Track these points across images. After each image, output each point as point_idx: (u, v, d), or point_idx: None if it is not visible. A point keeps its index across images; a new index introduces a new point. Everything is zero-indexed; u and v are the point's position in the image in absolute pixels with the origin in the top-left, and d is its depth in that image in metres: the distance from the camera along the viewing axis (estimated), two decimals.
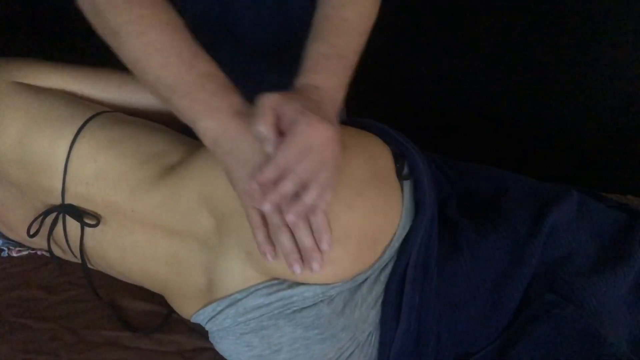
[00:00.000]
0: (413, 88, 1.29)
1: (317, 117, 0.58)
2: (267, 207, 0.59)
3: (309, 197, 0.58)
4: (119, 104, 0.86)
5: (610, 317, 0.73)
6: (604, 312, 0.73)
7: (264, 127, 0.57)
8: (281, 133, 0.58)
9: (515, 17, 1.19)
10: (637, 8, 1.11)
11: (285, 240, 0.62)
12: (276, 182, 0.58)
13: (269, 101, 0.58)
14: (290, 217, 0.59)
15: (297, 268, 0.63)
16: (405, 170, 0.75)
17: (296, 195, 0.59)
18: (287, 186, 0.58)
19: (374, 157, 0.72)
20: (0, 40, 1.05)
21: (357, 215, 0.66)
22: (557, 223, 0.79)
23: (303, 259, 0.63)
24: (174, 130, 0.84)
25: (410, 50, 1.26)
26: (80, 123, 0.77)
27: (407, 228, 0.71)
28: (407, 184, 0.73)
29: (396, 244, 0.71)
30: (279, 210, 0.60)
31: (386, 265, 0.71)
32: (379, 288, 0.70)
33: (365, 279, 0.69)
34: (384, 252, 0.69)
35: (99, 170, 0.76)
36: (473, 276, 0.74)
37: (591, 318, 0.71)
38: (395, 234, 0.70)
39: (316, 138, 0.58)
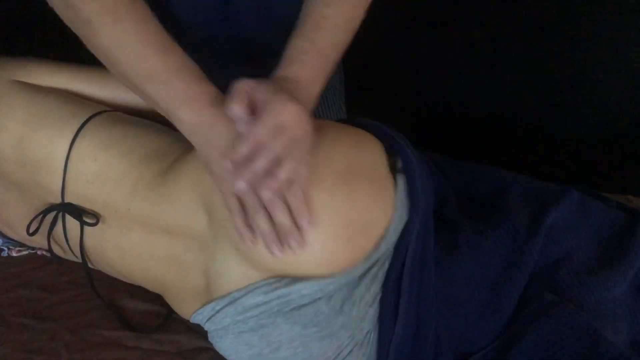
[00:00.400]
0: (413, 88, 1.29)
1: (289, 97, 0.60)
2: (241, 186, 0.59)
3: (283, 172, 0.59)
4: (119, 103, 0.86)
5: (610, 316, 0.73)
6: (603, 312, 0.73)
7: (237, 107, 0.59)
8: (255, 115, 0.60)
9: (516, 17, 1.19)
10: (637, 8, 1.12)
11: (261, 221, 0.62)
12: (249, 158, 0.59)
13: (243, 85, 0.60)
14: (265, 194, 0.60)
15: (275, 249, 0.63)
16: (400, 164, 0.75)
17: (271, 175, 0.60)
18: (260, 162, 0.58)
19: (362, 148, 0.72)
20: (0, 40, 1.05)
21: (340, 198, 0.66)
22: (557, 223, 0.79)
23: (282, 239, 0.63)
24: (173, 130, 0.84)
25: (410, 50, 1.26)
26: (81, 122, 0.78)
27: (403, 221, 0.71)
28: (401, 178, 0.73)
29: (393, 237, 0.70)
30: (255, 192, 0.61)
31: (384, 262, 0.71)
32: (377, 286, 0.70)
33: (364, 275, 0.69)
34: (379, 241, 0.69)
35: (99, 170, 0.76)
36: (472, 276, 0.74)
37: (591, 318, 0.71)
38: (390, 224, 0.70)
39: (288, 116, 0.59)
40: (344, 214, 0.66)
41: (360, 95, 1.11)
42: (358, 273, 0.68)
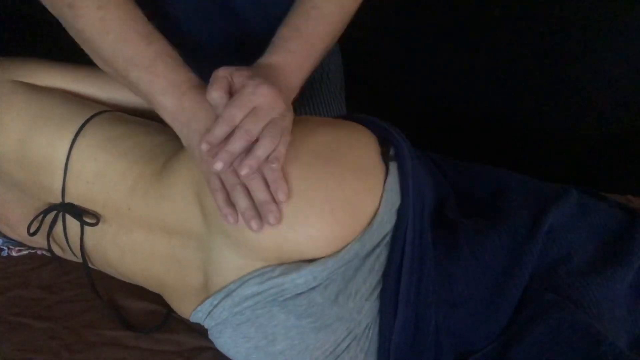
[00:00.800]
0: (413, 88, 1.29)
1: (265, 80, 0.61)
2: (219, 166, 0.60)
3: (260, 150, 0.60)
4: (119, 103, 0.86)
5: (610, 316, 0.73)
6: (603, 312, 0.73)
7: (216, 92, 0.61)
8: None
9: (516, 17, 1.19)
10: (637, 8, 1.12)
11: (240, 198, 0.63)
12: (226, 140, 0.60)
13: (222, 71, 0.63)
14: (243, 170, 0.60)
15: (254, 224, 0.63)
16: (392, 152, 0.75)
17: (249, 153, 0.61)
18: (236, 141, 0.60)
19: (347, 132, 0.73)
20: (0, 40, 1.05)
21: (319, 174, 0.67)
22: (557, 222, 0.79)
23: (260, 214, 0.64)
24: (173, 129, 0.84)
25: (410, 50, 1.26)
26: (81, 122, 0.78)
27: (396, 205, 0.71)
28: (394, 166, 0.73)
29: (386, 223, 0.70)
30: (234, 171, 0.62)
31: (380, 253, 0.70)
32: (374, 278, 0.70)
33: (360, 266, 0.69)
34: (371, 223, 0.69)
35: (99, 170, 0.76)
36: (472, 275, 0.74)
37: (591, 317, 0.71)
38: (379, 206, 0.69)
39: (263, 97, 0.61)
40: (324, 188, 0.66)
41: (360, 95, 1.11)
42: (350, 257, 0.68)
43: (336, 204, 0.66)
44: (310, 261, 0.67)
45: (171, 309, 0.82)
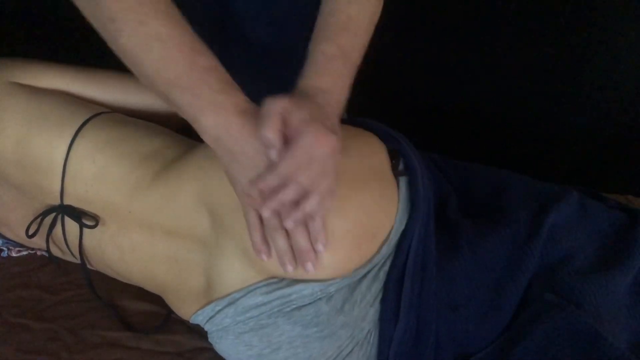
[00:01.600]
0: (413, 88, 1.29)
1: (323, 128, 0.57)
2: (266, 213, 0.59)
3: (308, 206, 0.58)
4: (118, 105, 0.86)
5: (610, 317, 0.73)
6: (603, 312, 0.73)
7: (271, 134, 0.56)
8: (286, 140, 0.57)
9: (516, 17, 1.19)
10: (637, 8, 1.11)
11: (280, 241, 0.63)
12: (277, 189, 0.57)
13: (277, 107, 0.57)
14: (289, 224, 0.59)
15: (290, 268, 0.64)
16: (401, 166, 0.75)
17: (296, 203, 0.59)
18: (288, 195, 0.57)
19: (370, 153, 0.73)
20: None
21: (353, 210, 0.67)
22: (557, 223, 0.79)
23: (297, 259, 0.63)
24: (172, 131, 0.84)
25: (410, 50, 1.26)
26: (79, 123, 0.77)
27: (404, 223, 0.72)
28: (403, 180, 0.73)
29: (394, 239, 0.71)
30: (277, 213, 0.60)
31: (385, 262, 0.71)
32: (378, 285, 0.70)
33: (365, 275, 0.69)
34: (381, 246, 0.70)
35: (98, 171, 0.76)
36: (473, 276, 0.74)
37: (591, 318, 0.71)
38: (392, 229, 0.70)
39: (320, 149, 0.57)
40: (356, 225, 0.66)
41: (360, 95, 1.11)
42: (359, 275, 0.69)
43: (362, 240, 0.68)
44: None
45: (171, 310, 0.82)
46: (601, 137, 1.26)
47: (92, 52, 0.71)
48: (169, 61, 0.60)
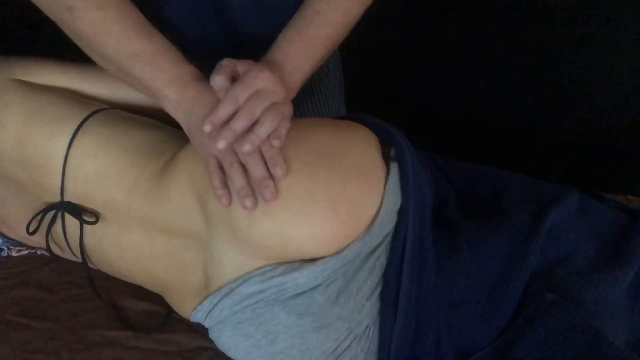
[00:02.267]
0: (413, 88, 1.29)
1: (267, 67, 0.66)
2: (221, 144, 0.62)
3: (262, 128, 0.63)
4: (118, 101, 0.86)
5: (610, 317, 0.73)
6: (603, 312, 0.73)
7: (220, 77, 0.65)
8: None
9: (516, 17, 1.19)
10: (637, 8, 1.12)
11: (237, 176, 0.64)
12: (229, 121, 0.63)
13: (225, 60, 0.67)
14: (245, 147, 0.63)
15: (248, 202, 0.64)
16: (393, 153, 0.75)
17: (251, 132, 0.63)
18: (239, 120, 0.63)
19: (347, 132, 0.73)
20: None
21: (319, 172, 0.67)
22: (557, 223, 0.79)
23: (256, 190, 0.64)
24: (172, 126, 0.84)
25: (410, 50, 1.26)
26: (79, 120, 0.77)
27: (396, 209, 0.71)
28: (395, 167, 0.73)
29: (387, 223, 0.70)
30: (234, 152, 0.65)
31: (381, 254, 0.70)
32: (375, 278, 0.70)
33: (361, 266, 0.69)
34: (372, 223, 0.69)
35: (98, 168, 0.76)
36: (473, 276, 0.74)
37: (591, 318, 0.71)
38: (381, 207, 0.69)
39: (265, 81, 0.65)
40: (328, 187, 0.66)
41: (360, 95, 1.11)
42: (352, 256, 0.68)
43: (339, 203, 0.66)
44: (312, 261, 0.67)
45: (172, 309, 0.82)
46: (601, 137, 1.26)
47: None
48: (130, 40, 0.68)
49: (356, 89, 1.11)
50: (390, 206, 0.70)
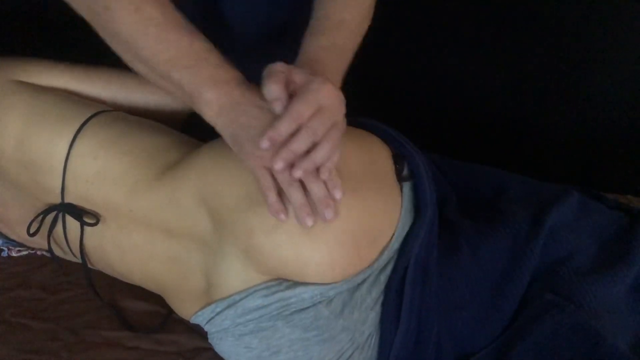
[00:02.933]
0: (413, 88, 1.29)
1: (328, 81, 0.59)
2: (280, 165, 0.58)
3: (319, 154, 0.58)
4: (119, 103, 0.86)
5: (610, 317, 0.73)
6: (603, 312, 0.73)
7: (276, 86, 0.58)
8: (291, 97, 0.59)
9: (516, 17, 1.19)
10: (637, 8, 1.11)
11: (296, 194, 0.61)
12: (287, 141, 0.58)
13: (279, 66, 0.60)
14: (297, 173, 0.58)
15: (309, 221, 0.61)
16: (405, 171, 0.75)
17: (307, 154, 0.59)
18: (299, 141, 0.57)
19: (373, 157, 0.73)
20: (0, 39, 1.05)
21: (354, 213, 0.66)
22: (557, 223, 0.79)
23: (316, 208, 0.62)
24: (174, 129, 0.84)
25: (410, 50, 1.26)
26: (81, 122, 0.77)
27: (406, 229, 0.72)
28: (406, 186, 0.73)
29: (395, 245, 0.71)
30: (289, 169, 0.60)
31: (385, 266, 0.71)
32: (378, 289, 0.70)
33: (364, 280, 0.69)
34: (382, 252, 0.69)
35: (99, 169, 0.76)
36: (473, 276, 0.74)
37: (591, 318, 0.71)
38: (394, 234, 0.70)
39: (328, 97, 0.58)
40: (357, 228, 0.66)
41: (360, 95, 1.11)
42: (359, 280, 0.69)
43: (363, 244, 0.67)
44: None
45: (171, 310, 0.82)
46: (601, 137, 1.26)
47: (92, 50, 0.71)
48: (167, 43, 0.63)
49: (356, 89, 1.11)
50: (402, 229, 0.71)
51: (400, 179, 0.73)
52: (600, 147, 1.26)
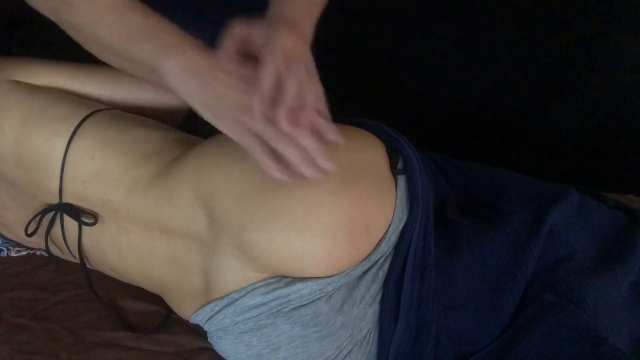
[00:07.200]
0: (412, 87, 1.29)
1: (288, 26, 0.60)
2: (284, 125, 0.56)
3: (310, 95, 0.58)
4: (116, 101, 0.86)
5: (610, 317, 0.73)
6: (603, 312, 0.73)
7: (230, 41, 0.60)
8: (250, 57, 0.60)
9: (516, 17, 1.19)
10: (637, 7, 1.11)
11: (292, 149, 0.58)
12: (273, 98, 0.57)
13: (236, 28, 0.61)
14: (305, 120, 0.57)
15: (311, 171, 0.58)
16: (400, 165, 0.75)
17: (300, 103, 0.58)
18: (291, 90, 0.57)
19: (366, 150, 0.72)
20: None
21: (343, 202, 0.66)
22: (557, 223, 0.79)
23: (313, 160, 0.59)
24: (172, 127, 0.84)
25: (410, 49, 1.26)
26: (78, 121, 0.77)
27: (403, 222, 0.72)
28: (402, 179, 0.73)
29: (392, 237, 0.71)
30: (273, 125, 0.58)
31: (384, 262, 0.71)
32: (377, 285, 0.70)
33: (363, 275, 0.69)
34: (379, 243, 0.69)
35: (97, 169, 0.76)
36: (472, 276, 0.74)
37: (591, 318, 0.71)
38: (390, 225, 0.70)
39: (295, 44, 0.59)
40: (348, 218, 0.66)
41: (358, 95, 1.11)
42: (357, 273, 0.69)
43: (357, 233, 0.67)
44: None
45: (171, 310, 0.82)
46: (601, 137, 1.26)
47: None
48: (126, 22, 0.63)
49: (355, 89, 1.11)
50: (397, 222, 0.71)
51: (394, 172, 0.73)
52: (600, 147, 1.26)
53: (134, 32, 0.63)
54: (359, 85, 1.13)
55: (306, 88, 0.58)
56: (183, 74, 0.61)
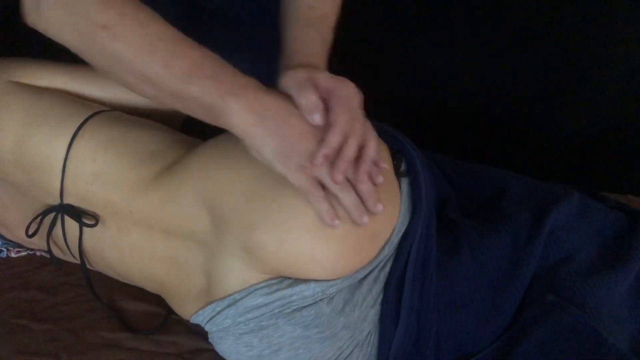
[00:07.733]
0: (412, 87, 1.29)
1: (345, 79, 0.63)
2: (339, 178, 0.60)
3: (371, 152, 0.62)
4: (117, 103, 0.86)
5: (611, 318, 0.73)
6: (604, 313, 0.73)
7: (314, 97, 0.61)
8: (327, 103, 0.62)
9: (516, 16, 1.19)
10: (637, 8, 1.11)
11: (348, 196, 0.62)
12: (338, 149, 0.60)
13: (302, 74, 0.62)
14: (364, 177, 0.61)
15: (366, 217, 0.63)
16: (403, 167, 0.75)
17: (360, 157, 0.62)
18: (351, 148, 0.61)
19: None
20: None
21: None
22: (558, 223, 0.79)
23: (368, 205, 0.64)
24: (173, 129, 0.84)
25: (410, 49, 1.26)
26: (79, 122, 0.77)
27: (405, 224, 0.72)
28: (405, 182, 0.73)
29: (395, 240, 0.71)
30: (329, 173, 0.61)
31: (385, 263, 0.71)
32: (379, 287, 0.70)
33: (365, 277, 0.69)
34: (383, 247, 0.69)
35: (98, 170, 0.76)
36: (473, 276, 0.74)
37: (591, 319, 0.71)
38: (394, 230, 0.70)
39: (355, 99, 0.63)
40: (356, 225, 0.66)
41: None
42: (360, 276, 0.69)
43: (364, 240, 0.67)
44: None
45: (171, 310, 0.82)
46: (601, 137, 1.26)
47: None
48: (181, 55, 0.60)
49: (356, 88, 1.11)
50: (400, 226, 0.71)
51: (398, 174, 0.73)
52: (600, 147, 1.26)
53: (193, 69, 0.59)
54: (359, 86, 1.13)
55: (366, 144, 0.62)
56: (254, 118, 0.60)
